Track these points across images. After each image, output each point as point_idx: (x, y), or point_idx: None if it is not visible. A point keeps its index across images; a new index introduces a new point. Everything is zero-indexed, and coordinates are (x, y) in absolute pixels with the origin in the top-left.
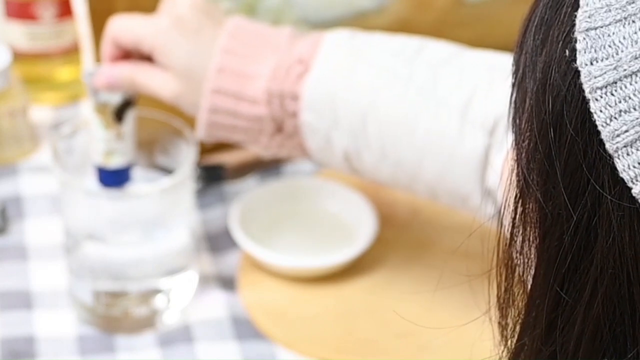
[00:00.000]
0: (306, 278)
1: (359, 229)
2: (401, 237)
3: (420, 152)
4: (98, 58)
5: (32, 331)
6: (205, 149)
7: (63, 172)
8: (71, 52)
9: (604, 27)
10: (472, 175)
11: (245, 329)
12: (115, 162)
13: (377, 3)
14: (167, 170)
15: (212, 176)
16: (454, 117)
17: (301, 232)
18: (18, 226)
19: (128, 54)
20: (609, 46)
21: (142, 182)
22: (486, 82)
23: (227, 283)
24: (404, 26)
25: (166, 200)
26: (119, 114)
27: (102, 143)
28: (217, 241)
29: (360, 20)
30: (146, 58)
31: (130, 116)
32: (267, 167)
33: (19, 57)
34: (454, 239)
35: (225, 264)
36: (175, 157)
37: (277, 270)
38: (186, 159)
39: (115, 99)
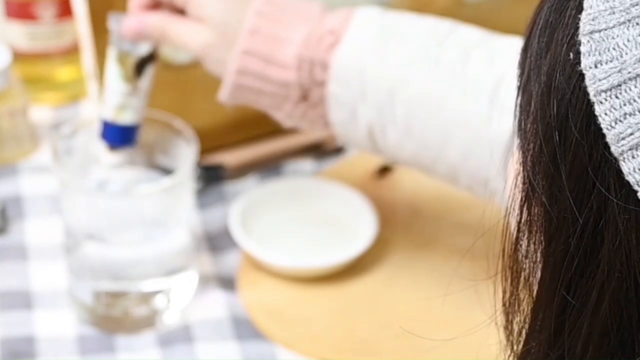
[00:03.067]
0: (306, 278)
1: (359, 229)
2: (401, 237)
3: (446, 132)
4: (98, 58)
5: (32, 331)
6: (205, 149)
7: (63, 172)
8: (71, 52)
9: (607, 30)
10: (497, 159)
11: (245, 329)
12: (126, 118)
13: (377, 3)
14: (167, 170)
15: (212, 176)
16: (482, 100)
17: (301, 232)
18: (18, 226)
19: (157, 5)
20: (613, 49)
21: (142, 182)
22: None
23: (227, 283)
24: None
25: (166, 200)
26: (140, 67)
27: (117, 96)
28: (217, 241)
29: None
30: (176, 12)
31: (150, 72)
32: (267, 167)
33: (19, 57)
34: (454, 238)
35: (225, 264)
36: (175, 157)
37: (277, 270)
38: (186, 159)
39: (139, 50)
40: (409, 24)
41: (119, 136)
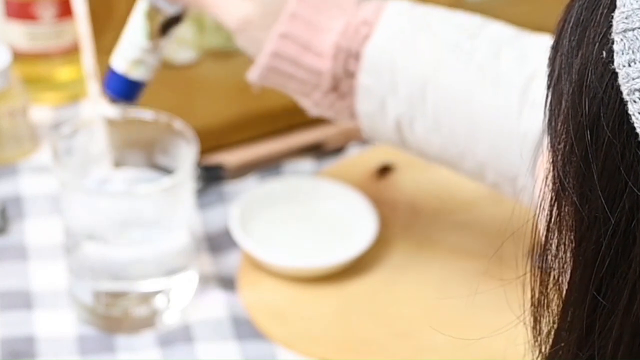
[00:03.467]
0: (306, 278)
1: (359, 229)
2: (401, 237)
3: (476, 127)
4: (98, 58)
5: (32, 331)
6: (205, 149)
7: (63, 172)
8: (71, 52)
9: None
10: (526, 155)
11: (245, 329)
12: (137, 74)
13: None
14: (167, 170)
15: (212, 176)
16: (513, 96)
17: (301, 232)
18: (18, 226)
19: None
20: None
21: (142, 182)
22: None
23: (227, 283)
24: None
25: (166, 200)
26: (167, 26)
27: (135, 50)
28: (217, 241)
29: None
30: None
31: (173, 33)
32: (267, 167)
33: (19, 57)
34: (454, 238)
35: (225, 264)
36: (175, 157)
37: (277, 270)
38: (186, 159)
39: (171, 9)
40: (439, 17)
41: (125, 89)
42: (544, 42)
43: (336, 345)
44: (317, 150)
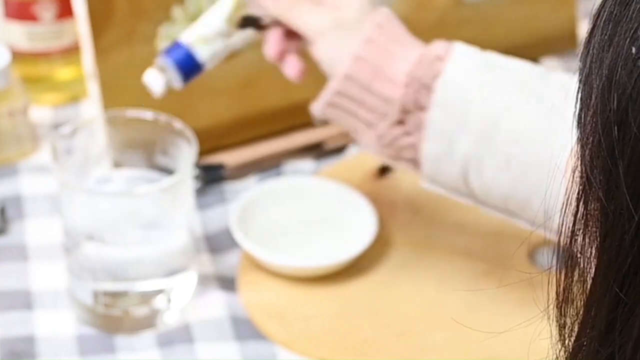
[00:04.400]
0: (306, 278)
1: (359, 229)
2: (401, 237)
3: (549, 167)
4: (98, 58)
5: (32, 331)
6: (205, 149)
7: (63, 172)
8: (71, 52)
9: None
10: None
11: (245, 329)
12: (201, 52)
13: (377, 3)
14: (167, 170)
15: (212, 176)
16: None
17: (301, 232)
18: (18, 226)
19: None
20: None
21: (142, 182)
22: None
23: (227, 283)
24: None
25: (166, 200)
26: (247, 22)
27: (209, 28)
28: (217, 241)
29: None
30: None
31: (245, 35)
32: (267, 167)
33: (19, 57)
34: (454, 238)
35: (225, 264)
36: (175, 157)
37: (277, 270)
38: (186, 159)
39: (259, 12)
40: (506, 59)
41: (183, 61)
42: None
43: (336, 345)
44: (317, 150)
